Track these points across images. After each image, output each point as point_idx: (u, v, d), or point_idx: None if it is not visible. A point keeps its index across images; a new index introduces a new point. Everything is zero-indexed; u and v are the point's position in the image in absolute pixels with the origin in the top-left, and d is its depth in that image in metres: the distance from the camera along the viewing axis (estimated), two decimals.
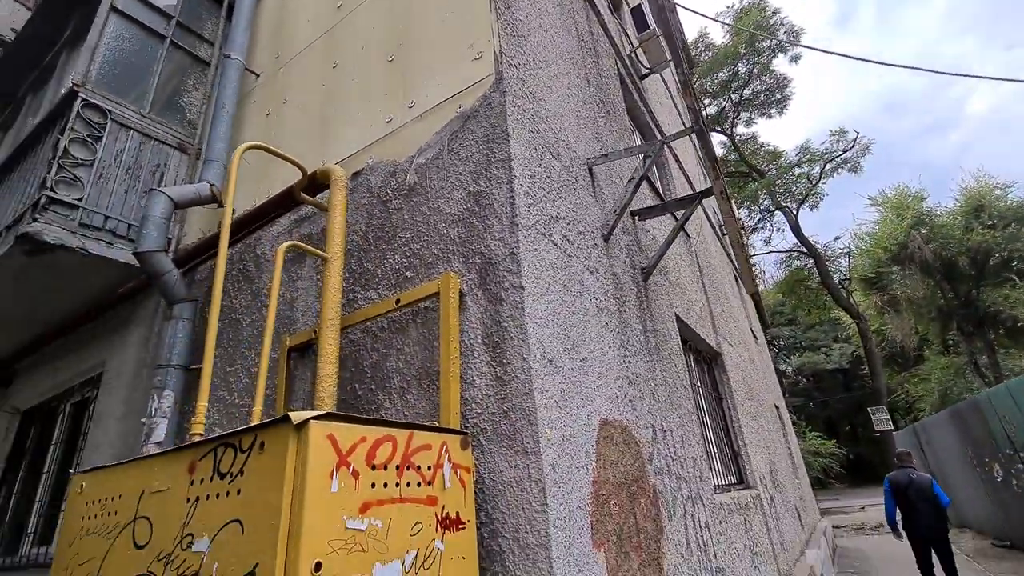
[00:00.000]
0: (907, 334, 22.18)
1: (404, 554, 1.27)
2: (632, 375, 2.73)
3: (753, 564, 4.04)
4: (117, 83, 3.87)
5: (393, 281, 2.31)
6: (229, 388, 2.80)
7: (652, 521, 2.36)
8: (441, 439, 1.53)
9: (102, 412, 3.57)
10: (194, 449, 1.35)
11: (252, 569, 1.07)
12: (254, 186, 3.40)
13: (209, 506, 1.22)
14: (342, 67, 3.29)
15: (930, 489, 5.69)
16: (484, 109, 2.35)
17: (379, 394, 2.13)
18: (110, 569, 1.37)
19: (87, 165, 3.45)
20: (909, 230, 20.80)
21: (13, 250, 3.19)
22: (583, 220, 2.75)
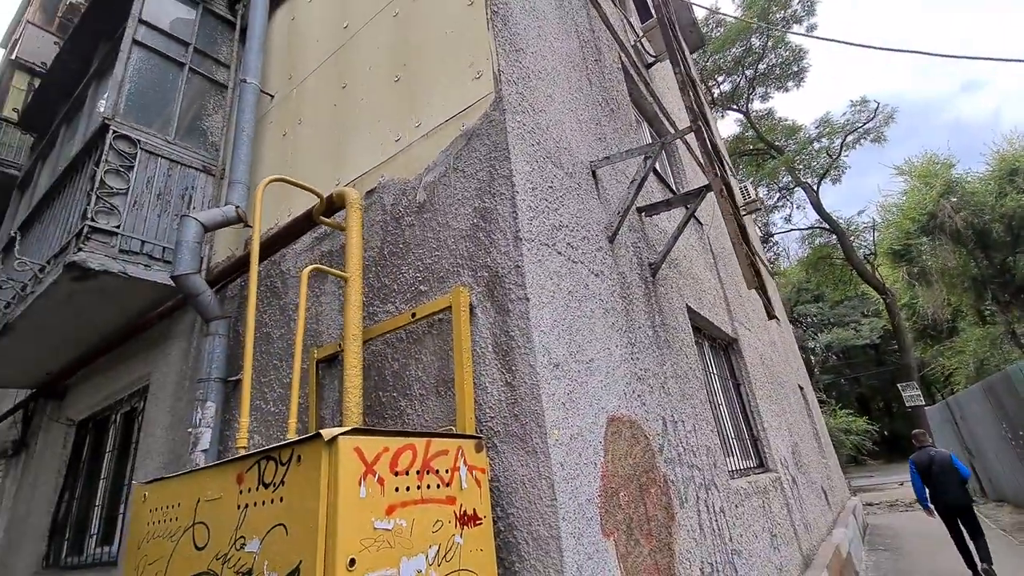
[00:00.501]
0: (939, 306, 21.57)
1: (427, 549, 1.44)
2: (640, 371, 2.85)
3: (773, 545, 4.14)
4: (143, 112, 4.11)
5: (409, 295, 2.47)
6: (265, 398, 3.02)
7: (663, 509, 2.49)
8: (457, 444, 1.69)
9: (150, 421, 3.86)
10: (241, 462, 1.53)
11: (297, 566, 1.25)
12: (276, 206, 3.60)
13: (257, 512, 1.41)
14: (351, 87, 3.45)
15: (950, 463, 6.14)
16: (485, 127, 2.48)
17: (401, 401, 2.31)
18: (175, 568, 1.58)
19: (122, 194, 3.69)
20: (938, 199, 20.14)
21: (62, 277, 3.46)
22: (587, 225, 2.86)
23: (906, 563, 7.54)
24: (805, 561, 4.97)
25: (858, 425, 26.25)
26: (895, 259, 21.87)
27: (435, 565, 1.44)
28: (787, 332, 11.67)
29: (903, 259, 21.48)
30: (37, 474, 5.18)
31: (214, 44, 4.80)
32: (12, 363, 4.78)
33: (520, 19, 3.06)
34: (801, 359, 12.43)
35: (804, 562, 4.92)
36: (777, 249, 25.06)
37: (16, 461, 5.68)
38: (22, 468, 5.51)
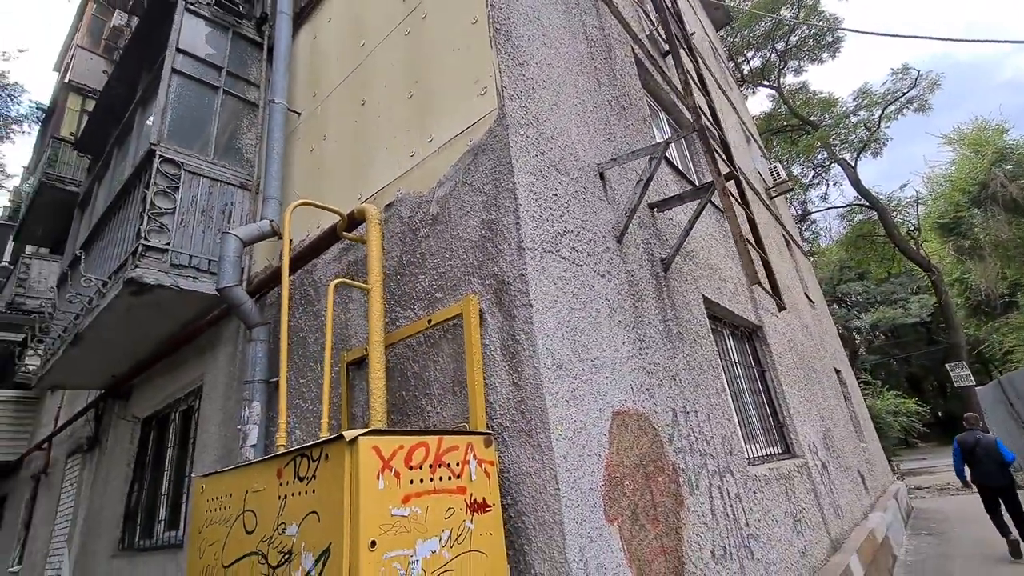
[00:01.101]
0: (993, 280, 20.43)
1: (440, 532, 1.65)
2: (649, 365, 2.98)
3: (796, 530, 4.21)
4: (185, 135, 4.45)
5: (426, 301, 2.68)
6: (303, 397, 3.31)
7: (671, 496, 2.64)
8: (466, 441, 1.89)
9: (205, 419, 4.25)
10: (279, 459, 1.78)
11: (327, 547, 1.48)
12: (307, 219, 3.87)
13: (294, 501, 1.65)
14: (369, 104, 3.66)
15: (995, 447, 6.48)
16: (490, 142, 2.64)
17: (422, 400, 2.53)
18: (230, 549, 1.85)
19: (170, 213, 4.05)
20: (990, 167, 19.00)
21: (122, 292, 3.84)
22: (593, 228, 2.99)
23: (950, 547, 7.38)
24: (834, 546, 5.00)
25: (907, 407, 25.26)
26: (943, 233, 20.79)
27: (447, 546, 1.65)
28: (823, 314, 11.39)
29: (952, 233, 20.41)
30: (109, 467, 5.73)
31: (244, 65, 5.11)
32: (83, 369, 5.29)
33: (523, 31, 3.19)
34: (839, 341, 12.11)
35: (833, 547, 4.95)
36: (816, 228, 24.17)
37: (91, 456, 6.28)
38: (96, 462, 6.09)
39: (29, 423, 9.55)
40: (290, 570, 1.57)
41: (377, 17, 3.86)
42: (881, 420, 23.54)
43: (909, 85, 17.81)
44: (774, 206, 10.96)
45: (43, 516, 7.47)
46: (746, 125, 12.57)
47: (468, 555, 1.71)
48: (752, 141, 12.50)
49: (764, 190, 10.69)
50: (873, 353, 34.70)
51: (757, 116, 20.04)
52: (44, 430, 8.78)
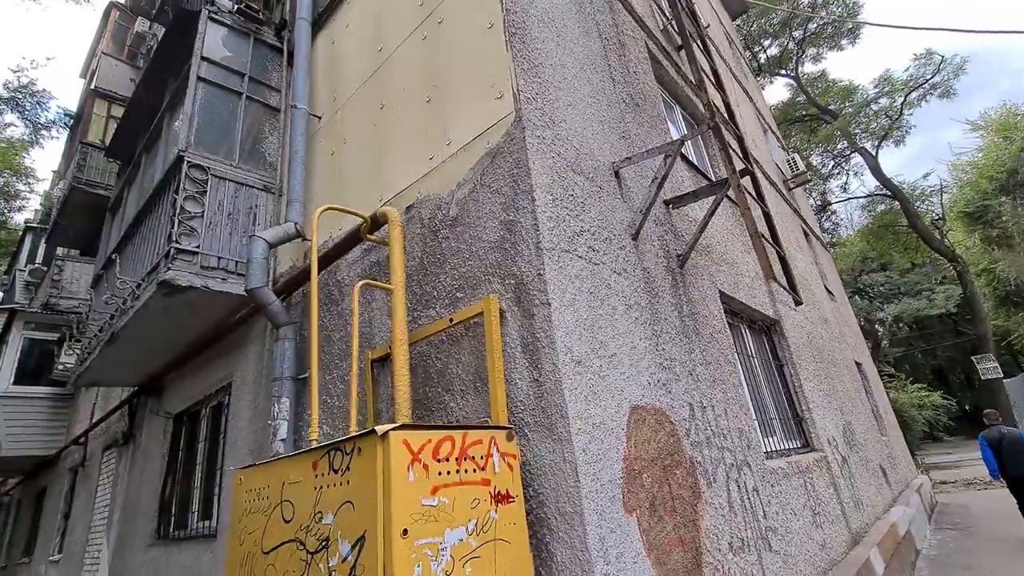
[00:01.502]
0: (1023, 270, 19.88)
1: (467, 522, 1.74)
2: (666, 360, 3.03)
3: (815, 523, 4.23)
4: (211, 141, 4.60)
5: (447, 300, 2.77)
6: (330, 393, 3.43)
7: (689, 489, 2.70)
8: (490, 435, 1.97)
9: (236, 414, 4.41)
10: (314, 452, 1.89)
11: (363, 534, 1.58)
12: (330, 221, 3.99)
13: (330, 492, 1.75)
14: (388, 108, 3.75)
15: (1019, 439, 6.79)
16: (507, 145, 2.71)
17: (445, 396, 2.62)
18: (270, 537, 1.96)
19: (199, 217, 4.20)
20: (1019, 153, 18.45)
21: (156, 293, 4.01)
22: (609, 226, 3.05)
23: (974, 542, 7.28)
24: (854, 539, 4.99)
25: (932, 400, 24.73)
26: (970, 222, 20.25)
27: (474, 535, 1.74)
28: (843, 307, 11.23)
29: (979, 222, 19.88)
30: (144, 461, 5.97)
31: (265, 71, 5.25)
32: (118, 366, 5.52)
33: (538, 33, 3.24)
34: (860, 334, 11.94)
35: (852, 540, 4.94)
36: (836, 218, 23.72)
37: (126, 450, 6.54)
38: (131, 456, 6.35)
39: (65, 419, 9.94)
40: (327, 556, 1.68)
41: (394, 22, 3.95)
42: (905, 414, 23.08)
43: (932, 71, 17.35)
44: (792, 198, 10.82)
45: (81, 507, 7.80)
46: (763, 116, 12.41)
47: (493, 543, 1.80)
48: (769, 132, 12.33)
49: (782, 182, 10.57)
50: (897, 345, 33.98)
51: (775, 106, 19.72)
52: (80, 426, 9.13)
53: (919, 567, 6.31)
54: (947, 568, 6.16)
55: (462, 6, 3.33)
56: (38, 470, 10.74)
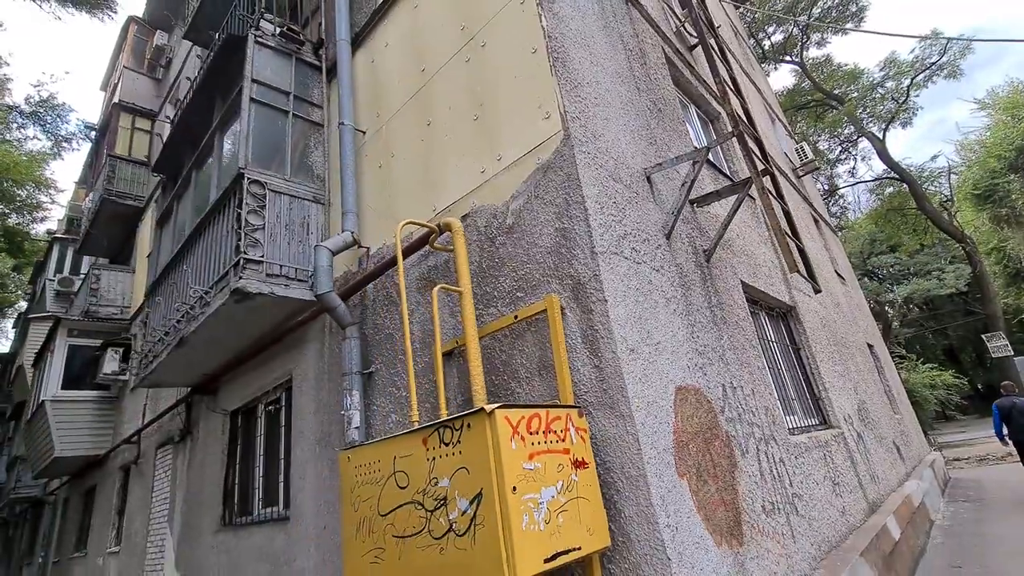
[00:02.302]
0: None
1: (556, 482, 2.12)
2: (701, 347, 3.39)
3: (835, 492, 4.59)
4: (264, 157, 4.98)
5: (507, 300, 3.14)
6: (395, 385, 3.83)
7: (726, 458, 3.07)
8: (566, 412, 2.35)
9: (300, 408, 4.82)
10: (422, 430, 2.27)
11: (479, 492, 1.96)
12: (383, 228, 4.37)
13: (443, 461, 2.13)
14: (435, 124, 4.11)
15: None
16: (558, 161, 3.07)
17: (511, 383, 3.00)
18: (385, 501, 2.36)
19: (261, 228, 4.59)
20: None
21: (228, 300, 4.41)
22: (646, 228, 3.40)
23: (985, 513, 7.62)
24: (871, 507, 5.35)
25: (944, 379, 24.92)
26: (979, 201, 20.35)
27: (562, 493, 2.12)
28: (854, 291, 11.51)
29: (988, 201, 19.97)
30: (204, 455, 6.42)
31: (307, 88, 5.61)
32: (180, 368, 5.95)
33: (575, 54, 3.58)
34: (871, 316, 12.21)
35: (870, 508, 5.31)
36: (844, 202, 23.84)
37: (183, 446, 7.00)
38: (189, 451, 6.80)
39: (111, 420, 10.45)
40: (446, 512, 2.07)
41: (436, 45, 4.29)
42: (917, 394, 23.33)
43: (939, 51, 17.41)
44: (801, 185, 11.08)
45: (137, 502, 8.30)
46: (770, 106, 12.63)
47: (576, 500, 2.18)
48: (777, 121, 12.55)
49: (791, 170, 10.83)
50: (908, 326, 34.09)
51: (780, 92, 19.83)
52: (128, 426, 9.63)
53: (933, 536, 6.67)
54: (960, 537, 6.50)
55: (505, 32, 3.67)
56: (85, 470, 11.27)
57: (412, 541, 2.18)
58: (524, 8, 3.54)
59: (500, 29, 3.72)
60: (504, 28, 3.69)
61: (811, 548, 3.63)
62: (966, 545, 6.05)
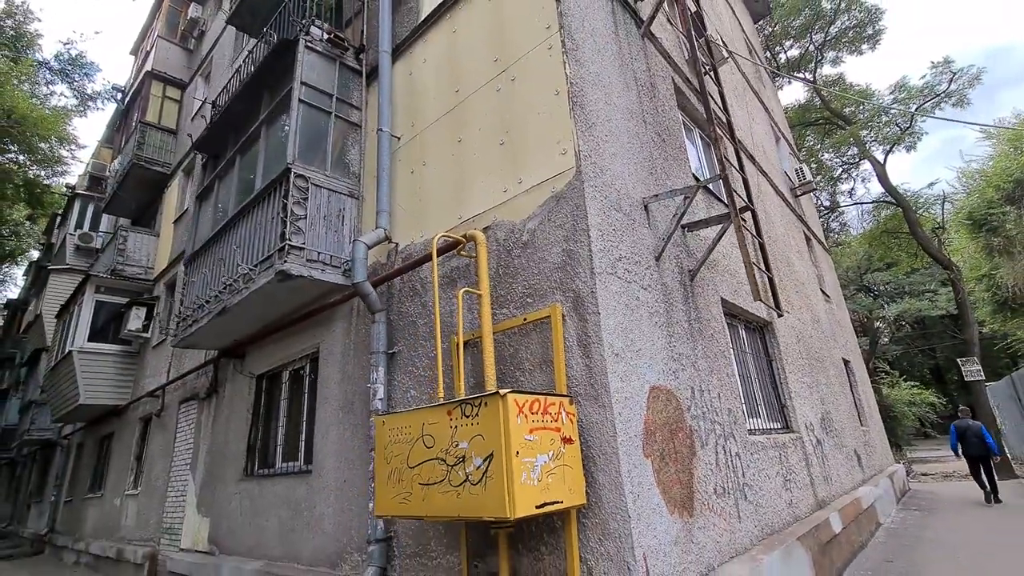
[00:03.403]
0: (1021, 278, 20.58)
1: (548, 452, 2.79)
2: (676, 355, 4.05)
3: (785, 487, 5.29)
4: (308, 154, 5.58)
5: (518, 304, 3.78)
6: (415, 365, 4.49)
7: (687, 447, 3.74)
8: (559, 400, 3.01)
9: (326, 377, 5.49)
10: (447, 405, 2.93)
11: (490, 453, 2.63)
12: (410, 228, 4.99)
13: (463, 429, 2.80)
14: (465, 142, 4.71)
15: (979, 430, 9.56)
16: (569, 192, 3.68)
17: (516, 372, 3.66)
18: (414, 456, 3.03)
19: (303, 218, 5.21)
20: None
21: (272, 280, 5.05)
22: (639, 252, 4.03)
23: (931, 520, 8.38)
24: (819, 504, 6.07)
25: (923, 398, 25.77)
26: (974, 228, 20.90)
27: (552, 460, 2.79)
28: (838, 308, 12.15)
29: (983, 229, 20.52)
30: (229, 412, 7.12)
31: (347, 90, 6.18)
32: (216, 334, 6.61)
33: (592, 95, 4.17)
34: (852, 333, 12.87)
35: (818, 504, 6.02)
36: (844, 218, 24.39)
37: (208, 402, 7.70)
38: (214, 407, 7.51)
39: (132, 374, 11.17)
40: (464, 466, 2.74)
41: (471, 71, 4.87)
42: (896, 409, 24.21)
43: (948, 80, 17.82)
44: (798, 205, 11.65)
45: (158, 450, 9.04)
46: (777, 124, 13.12)
47: (562, 467, 2.85)
48: (782, 140, 13.06)
49: (789, 190, 11.39)
50: (898, 343, 34.89)
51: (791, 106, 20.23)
52: (148, 380, 10.35)
53: (878, 535, 7.42)
54: (901, 538, 7.25)
55: (533, 71, 4.25)
56: (102, 418, 12.02)
57: (435, 487, 2.86)
58: (551, 53, 4.12)
59: (529, 67, 4.30)
60: (533, 67, 4.27)
61: (754, 529, 4.33)
62: (904, 545, 6.80)
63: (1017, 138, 19.91)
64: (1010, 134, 20.11)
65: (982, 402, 15.21)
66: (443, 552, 3.77)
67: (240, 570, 5.58)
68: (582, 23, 4.44)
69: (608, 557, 2.92)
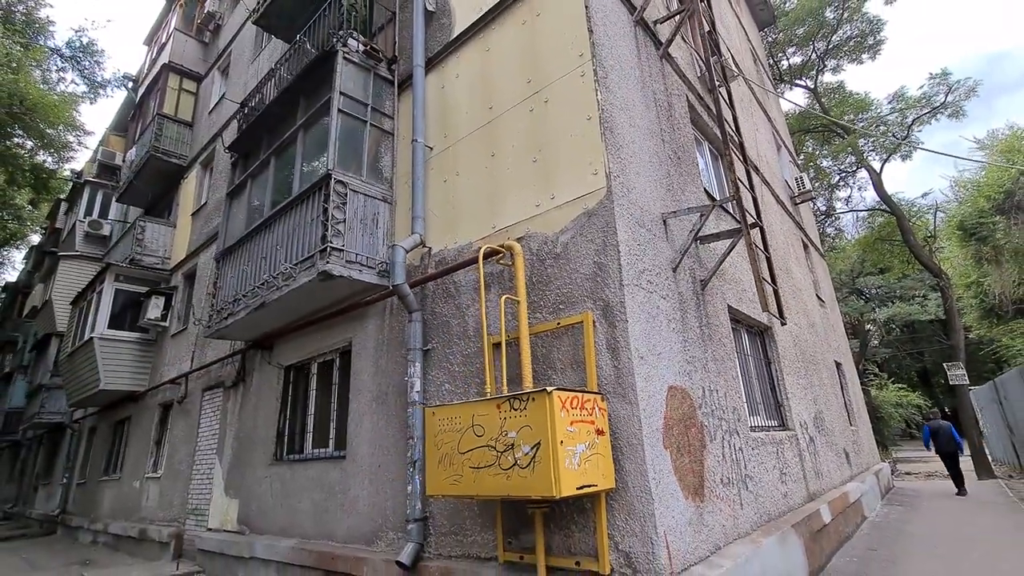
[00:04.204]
0: (1008, 286, 21.25)
1: (585, 442, 3.21)
2: (690, 357, 4.48)
3: (781, 479, 5.76)
4: (346, 160, 5.94)
5: (551, 310, 4.19)
6: (449, 362, 4.89)
7: (699, 441, 4.19)
8: (593, 396, 3.44)
9: (359, 370, 5.89)
10: (496, 400, 3.35)
11: (538, 442, 3.05)
12: (444, 234, 5.38)
13: (512, 420, 3.22)
14: (499, 157, 5.09)
15: (948, 429, 11.21)
16: (600, 210, 4.09)
17: (548, 372, 4.08)
18: (464, 444, 3.44)
19: (342, 222, 5.59)
20: (1018, 176, 19.55)
21: (314, 279, 5.43)
22: (659, 264, 4.45)
23: (913, 515, 8.93)
24: (811, 496, 6.56)
25: (910, 400, 26.53)
26: (965, 237, 21.53)
27: (588, 449, 3.22)
28: (832, 312, 12.66)
29: (974, 238, 21.15)
30: (257, 400, 7.50)
31: (380, 99, 6.54)
32: (249, 327, 6.98)
33: (619, 119, 4.56)
34: (844, 337, 13.40)
35: (809, 497, 6.51)
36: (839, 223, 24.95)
37: (235, 391, 8.08)
38: (242, 396, 7.89)
39: (150, 361, 11.50)
40: (513, 453, 3.16)
41: (504, 89, 5.24)
42: (883, 410, 24.95)
43: (944, 91, 18.31)
44: (797, 213, 12.11)
45: (180, 435, 9.41)
46: (778, 132, 13.55)
47: (596, 455, 3.28)
48: (783, 148, 13.51)
49: (789, 198, 11.84)
50: (887, 346, 35.67)
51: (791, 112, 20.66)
52: (167, 368, 10.69)
53: (863, 528, 7.94)
54: (884, 530, 7.78)
55: (566, 95, 4.63)
56: (117, 403, 12.36)
57: (485, 470, 3.28)
58: (584, 80, 4.51)
59: (561, 91, 4.69)
60: (565, 91, 4.65)
61: (754, 516, 4.79)
62: (887, 536, 7.32)
63: (1009, 150, 20.49)
64: (1003, 145, 20.68)
65: (966, 405, 15.83)
66: (477, 531, 4.20)
67: (274, 547, 6.00)
68: (611, 51, 4.82)
69: (633, 534, 3.36)
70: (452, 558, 4.29)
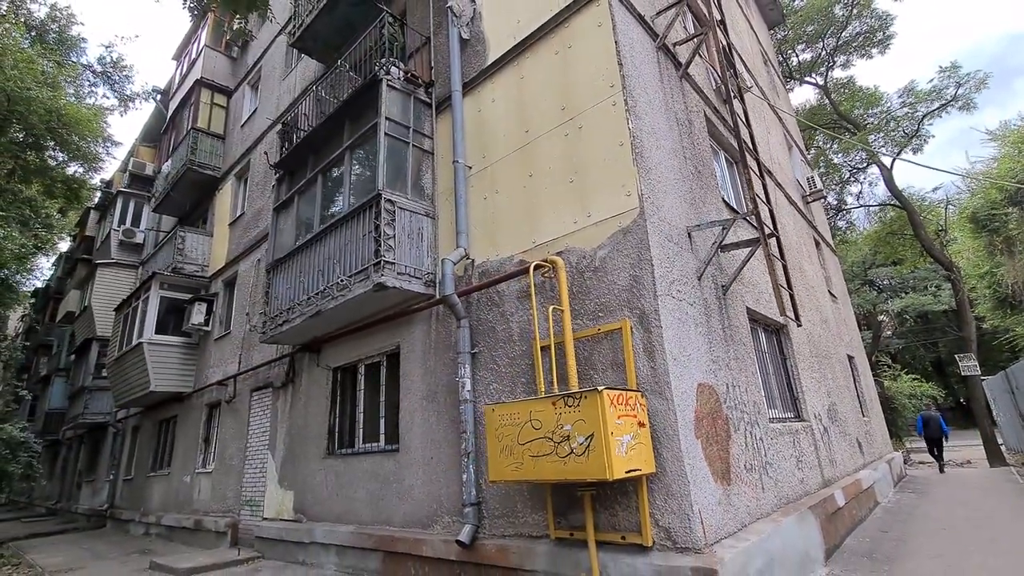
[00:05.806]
0: (1021, 276, 21.40)
1: (630, 433, 3.75)
2: (715, 357, 4.99)
3: (798, 466, 6.26)
4: (392, 180, 6.50)
5: (591, 317, 4.72)
6: (496, 363, 5.44)
7: (724, 432, 4.71)
8: (635, 394, 3.97)
9: (408, 372, 6.46)
10: (551, 398, 3.90)
11: (591, 434, 3.60)
12: (486, 247, 5.92)
13: (567, 415, 3.76)
14: (536, 177, 5.62)
15: (938, 419, 13.94)
16: (633, 228, 4.60)
17: (591, 372, 4.61)
18: (523, 436, 4.00)
19: (392, 237, 6.15)
20: None
21: (369, 290, 6.00)
22: (686, 274, 4.96)
23: (923, 501, 9.37)
24: (826, 483, 7.05)
25: (923, 390, 26.71)
26: (977, 228, 21.68)
27: (632, 439, 3.76)
28: (844, 307, 13.04)
29: (986, 229, 21.30)
30: (307, 399, 8.12)
31: (420, 121, 7.08)
32: (302, 332, 7.59)
33: (648, 143, 5.06)
34: (856, 331, 13.78)
35: (825, 483, 7.00)
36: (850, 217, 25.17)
37: (284, 391, 8.71)
38: (291, 395, 8.51)
39: (194, 364, 12.21)
40: (569, 443, 3.70)
41: (539, 114, 5.76)
42: (896, 401, 25.18)
43: (955, 85, 18.48)
44: (808, 211, 12.50)
45: (230, 433, 10.09)
46: (789, 133, 13.91)
47: (639, 444, 3.82)
48: (794, 148, 13.86)
49: (800, 197, 12.23)
50: (901, 337, 35.77)
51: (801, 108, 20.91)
52: (212, 370, 11.38)
53: (875, 512, 8.41)
54: (896, 515, 8.24)
55: (599, 122, 5.14)
56: (161, 404, 13.10)
57: (544, 458, 3.84)
58: (615, 110, 5.01)
59: (595, 119, 5.19)
60: (598, 119, 5.16)
61: (774, 499, 5.30)
62: (898, 520, 7.78)
63: (1022, 140, 20.58)
64: (1016, 136, 20.79)
65: (978, 395, 16.13)
66: (528, 512, 4.76)
67: (334, 532, 6.62)
68: (638, 80, 5.32)
69: (672, 512, 3.90)
70: (506, 537, 4.86)
